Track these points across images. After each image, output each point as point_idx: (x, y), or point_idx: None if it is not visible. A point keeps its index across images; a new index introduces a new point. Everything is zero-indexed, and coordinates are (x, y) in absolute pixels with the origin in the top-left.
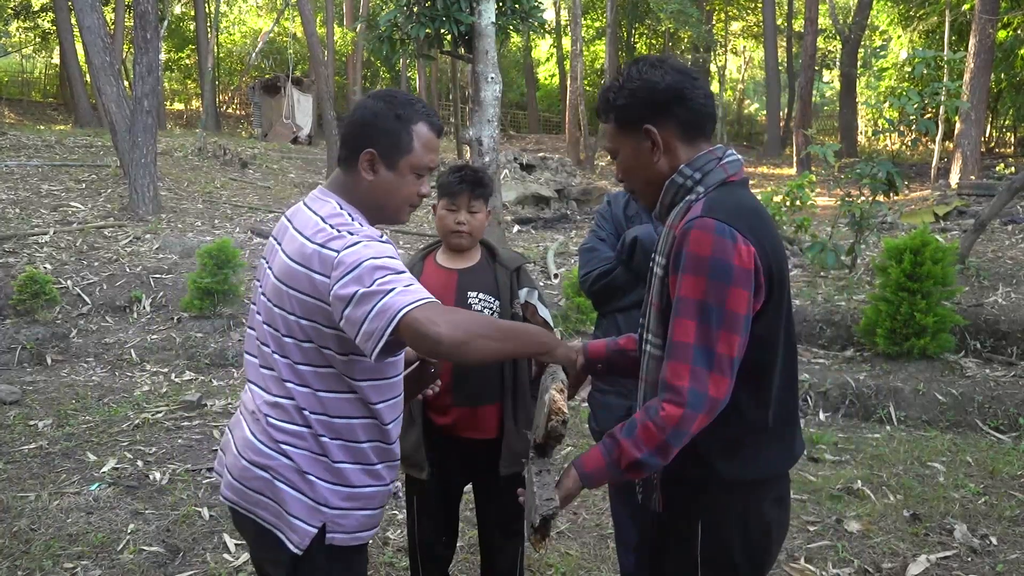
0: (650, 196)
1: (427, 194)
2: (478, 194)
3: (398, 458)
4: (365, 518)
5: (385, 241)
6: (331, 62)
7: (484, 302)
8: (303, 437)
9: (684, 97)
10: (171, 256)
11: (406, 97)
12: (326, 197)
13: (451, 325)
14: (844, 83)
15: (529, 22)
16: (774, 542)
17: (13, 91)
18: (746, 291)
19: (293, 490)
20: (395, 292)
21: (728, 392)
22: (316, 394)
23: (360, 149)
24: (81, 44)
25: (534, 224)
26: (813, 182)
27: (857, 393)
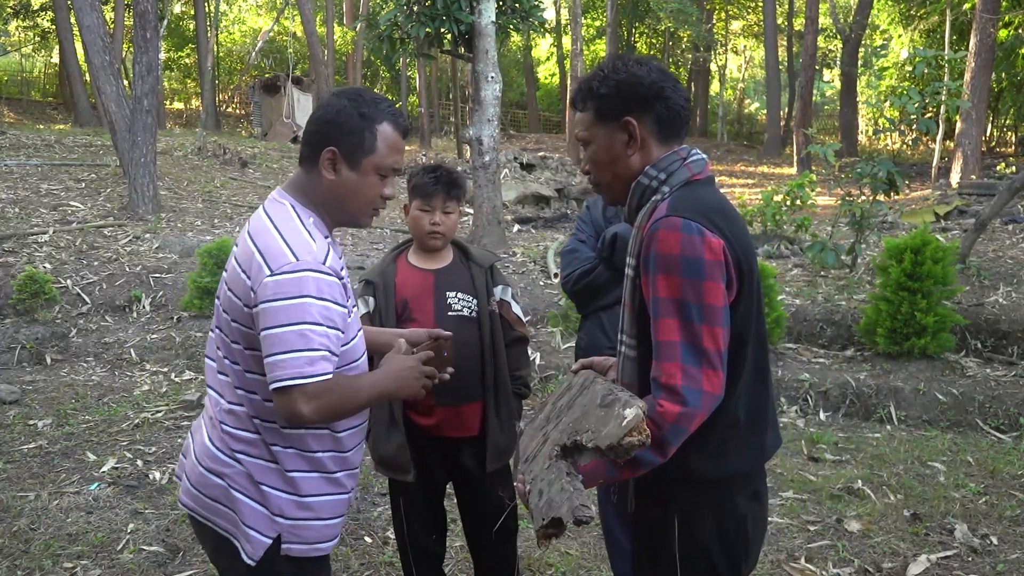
0: (615, 190)
1: (391, 196)
2: (453, 195)
3: (356, 465)
4: (324, 528)
5: (327, 271)
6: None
7: (463, 301)
8: (255, 445)
9: (665, 96)
10: (171, 255)
11: (371, 96)
12: (282, 199)
13: (315, 412)
14: (844, 82)
15: (529, 21)
16: (752, 537)
17: (12, 90)
18: (720, 283)
19: (248, 499)
20: (297, 354)
21: (722, 387)
22: (264, 403)
23: (321, 147)
24: (81, 43)
25: (534, 224)
26: (813, 181)
27: (857, 393)
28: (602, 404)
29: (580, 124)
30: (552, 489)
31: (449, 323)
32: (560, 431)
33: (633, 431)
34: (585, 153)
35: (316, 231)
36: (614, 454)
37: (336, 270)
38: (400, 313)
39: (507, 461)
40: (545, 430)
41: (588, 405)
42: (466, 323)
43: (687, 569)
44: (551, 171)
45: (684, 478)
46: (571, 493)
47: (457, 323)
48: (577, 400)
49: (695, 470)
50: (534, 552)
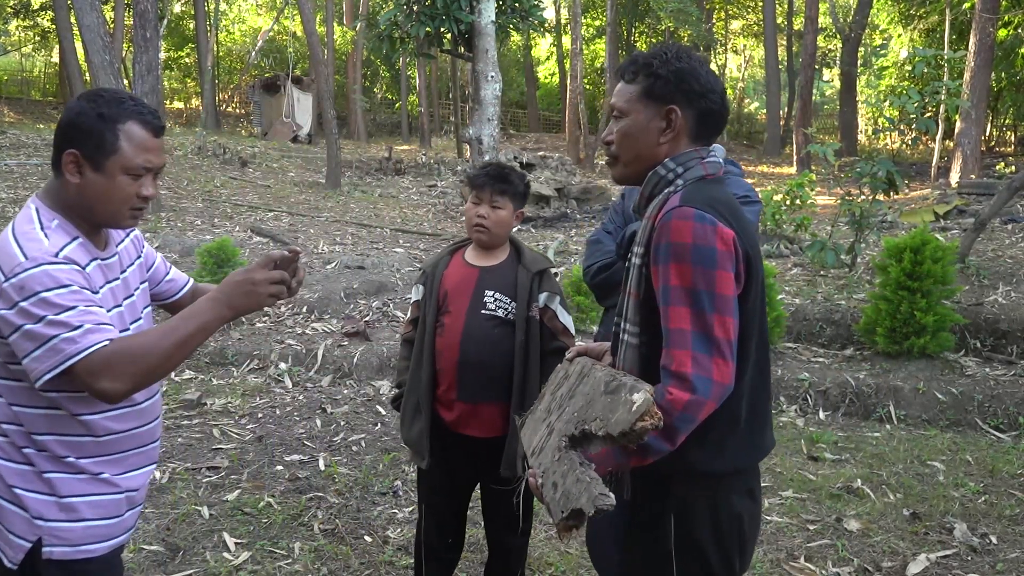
0: (630, 171)
1: (151, 195)
2: (501, 189)
3: (139, 466)
4: (90, 529)
5: (61, 261)
6: (331, 61)
7: (499, 302)
8: (6, 448)
9: (713, 99)
10: (171, 255)
11: (115, 95)
12: (30, 203)
13: (113, 377)
14: (844, 82)
15: (529, 21)
16: (747, 535)
17: (12, 90)
18: (731, 273)
19: (8, 503)
20: (54, 341)
21: (732, 376)
22: (10, 407)
23: (63, 151)
24: (81, 43)
25: (534, 223)
26: (813, 181)
27: (857, 392)
28: (607, 391)
29: (622, 95)
30: (567, 481)
31: (480, 321)
32: (566, 421)
33: (644, 415)
34: (614, 123)
35: (58, 232)
36: (626, 440)
37: (75, 260)
38: (440, 304)
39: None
40: (548, 421)
41: (592, 393)
42: (499, 324)
43: (681, 565)
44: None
45: (681, 472)
46: (588, 483)
47: (488, 323)
48: (578, 389)
49: (694, 465)
50: (534, 552)
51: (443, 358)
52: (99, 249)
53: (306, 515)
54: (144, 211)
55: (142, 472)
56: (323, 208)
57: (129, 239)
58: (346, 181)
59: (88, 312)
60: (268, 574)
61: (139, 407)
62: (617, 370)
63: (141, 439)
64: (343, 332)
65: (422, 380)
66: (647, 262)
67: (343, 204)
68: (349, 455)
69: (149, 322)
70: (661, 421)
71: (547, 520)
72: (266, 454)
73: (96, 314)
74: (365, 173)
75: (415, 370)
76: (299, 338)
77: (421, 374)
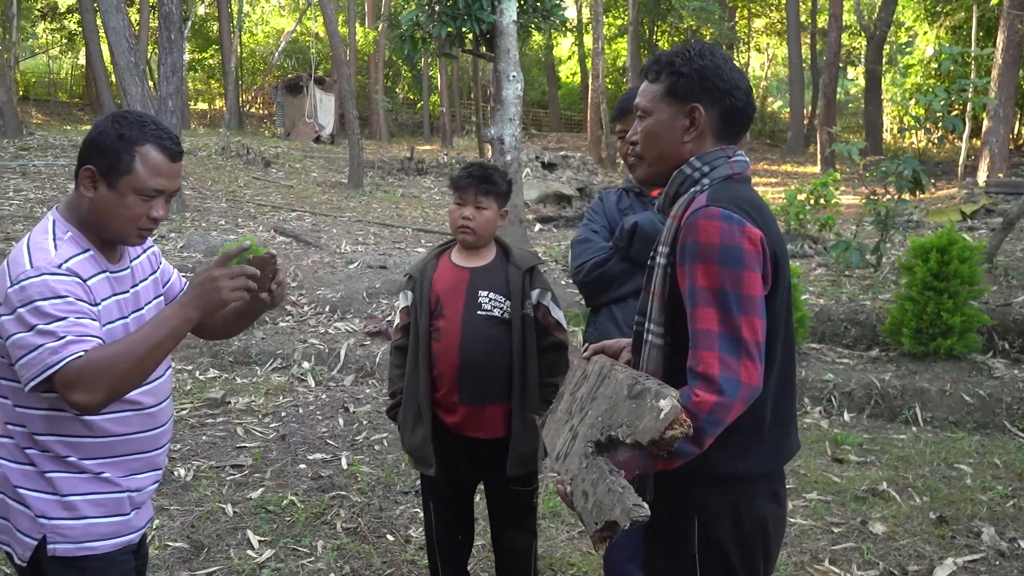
0: (654, 170)
1: (160, 218)
2: (485, 190)
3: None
4: (91, 527)
5: (62, 273)
6: (353, 61)
7: (494, 301)
8: (10, 449)
9: (738, 96)
10: (195, 254)
11: (138, 118)
12: (49, 214)
13: (85, 389)
14: (869, 80)
15: (551, 20)
16: (772, 539)
17: (40, 92)
18: (758, 274)
19: (15, 503)
20: (39, 350)
21: (760, 378)
22: (15, 408)
23: (82, 165)
24: (106, 45)
25: (555, 223)
26: (837, 180)
27: (882, 393)
28: (630, 395)
29: (646, 95)
30: (598, 490)
31: (477, 322)
32: (590, 426)
33: (674, 423)
34: (638, 123)
35: (69, 244)
36: (656, 448)
37: (78, 272)
38: (433, 308)
39: (530, 468)
40: (571, 424)
41: (615, 397)
42: (496, 324)
43: (705, 569)
44: (572, 170)
45: (703, 474)
46: (620, 493)
47: (486, 323)
48: (599, 391)
49: (718, 468)
50: (555, 551)
51: (441, 362)
52: (111, 262)
53: (329, 514)
54: (151, 232)
55: (144, 476)
56: (345, 208)
57: (146, 255)
58: (368, 181)
59: (76, 324)
60: (291, 572)
61: (145, 411)
62: (639, 372)
63: (143, 444)
64: (365, 331)
65: (421, 387)
66: (672, 262)
67: (365, 204)
68: (371, 454)
69: None
70: (691, 428)
71: (568, 521)
72: (289, 453)
73: (84, 326)
74: (387, 173)
75: (412, 376)
76: (322, 337)
77: (419, 381)
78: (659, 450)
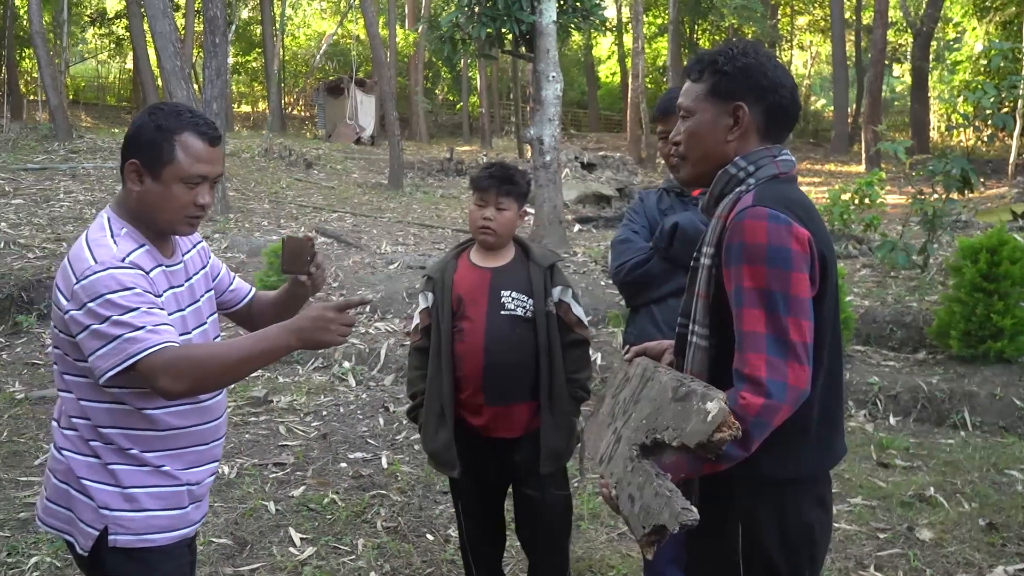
0: (698, 170)
1: (207, 203)
2: (506, 191)
3: (198, 463)
4: (151, 519)
5: (126, 266)
6: (393, 63)
7: (517, 301)
8: (76, 441)
9: (782, 94)
10: (239, 255)
11: (173, 108)
12: (103, 212)
13: (172, 378)
14: (915, 77)
15: (590, 20)
16: (818, 544)
17: (89, 96)
18: (806, 275)
19: (79, 494)
20: (117, 341)
21: (808, 381)
22: (79, 401)
23: (126, 161)
24: (153, 49)
25: (595, 223)
26: (883, 179)
27: (929, 397)
28: (676, 397)
29: (688, 94)
30: (644, 494)
31: (501, 322)
32: (634, 429)
33: (722, 426)
34: (681, 123)
35: (126, 239)
36: (703, 451)
37: (140, 265)
38: (455, 310)
39: (562, 464)
40: (615, 427)
41: (659, 399)
42: (519, 323)
43: (749, 574)
44: (612, 170)
45: (748, 478)
46: (668, 497)
47: (510, 323)
48: (643, 393)
49: (763, 471)
50: (595, 553)
51: (465, 363)
52: (165, 256)
53: (369, 512)
54: (201, 219)
55: (202, 469)
56: (386, 209)
57: (195, 250)
58: (408, 182)
59: (149, 314)
60: (332, 570)
61: (201, 404)
62: (683, 374)
63: (202, 436)
64: (405, 332)
65: (444, 389)
66: (717, 263)
67: (405, 205)
68: (411, 454)
69: (215, 328)
70: (740, 431)
71: (608, 523)
72: (330, 451)
73: (157, 316)
74: (427, 174)
75: (434, 378)
76: (362, 337)
77: (442, 383)
78: (706, 453)
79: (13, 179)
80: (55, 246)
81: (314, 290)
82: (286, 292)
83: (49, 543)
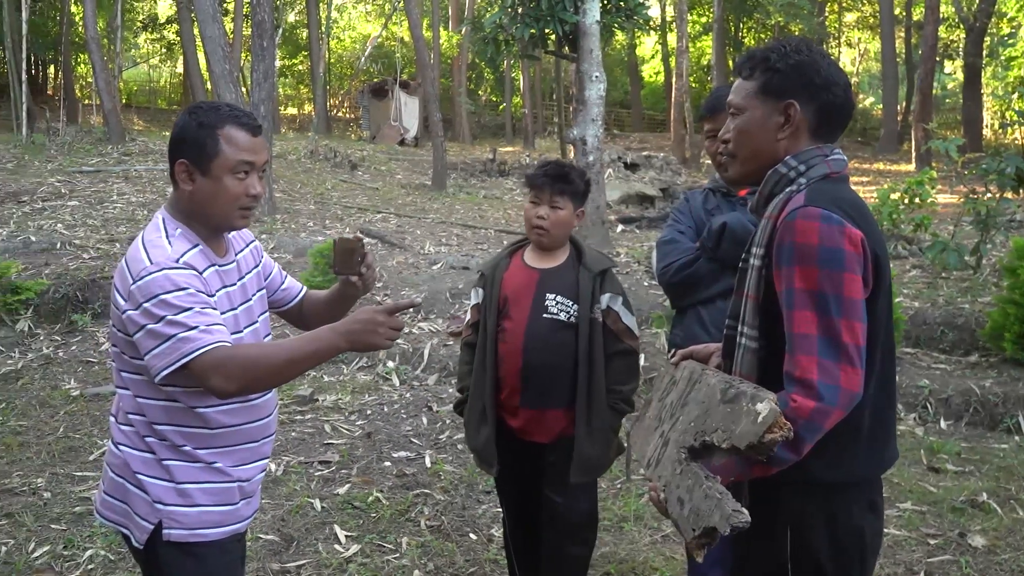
0: (747, 169)
1: (258, 193)
2: (560, 189)
3: (249, 460)
4: (203, 514)
5: (181, 266)
6: (437, 65)
7: (561, 305)
8: (132, 437)
9: (835, 92)
10: (285, 255)
11: (211, 105)
12: (157, 214)
13: (224, 377)
14: (968, 74)
15: (634, 20)
16: (868, 549)
17: (141, 99)
18: (859, 276)
19: (135, 488)
20: (172, 340)
21: (861, 384)
22: (135, 399)
23: (174, 162)
24: (203, 53)
25: (638, 223)
26: (934, 178)
27: (982, 400)
28: (724, 399)
29: (739, 92)
30: (694, 496)
31: (542, 325)
32: (682, 431)
33: (773, 427)
34: (731, 121)
35: (181, 240)
36: (754, 452)
37: (194, 265)
38: (501, 308)
39: (593, 476)
40: (662, 430)
41: (708, 401)
42: (561, 328)
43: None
44: (655, 170)
45: (798, 481)
46: (719, 499)
47: (551, 326)
48: (690, 396)
49: (814, 475)
50: (638, 555)
51: (506, 364)
52: (218, 256)
53: (413, 511)
54: (254, 210)
55: (253, 466)
56: (429, 209)
57: (248, 249)
58: (451, 183)
59: (203, 314)
60: (377, 567)
61: (251, 403)
62: (731, 376)
63: (251, 434)
64: (448, 332)
65: (486, 387)
66: (768, 264)
67: (448, 205)
68: (454, 453)
69: (266, 327)
70: (791, 432)
71: (651, 524)
72: (374, 450)
73: (210, 316)
74: (470, 175)
75: (478, 376)
76: (406, 337)
77: (485, 381)
78: (757, 455)
79: (69, 181)
80: (108, 247)
81: (364, 290)
82: (337, 292)
83: (103, 536)
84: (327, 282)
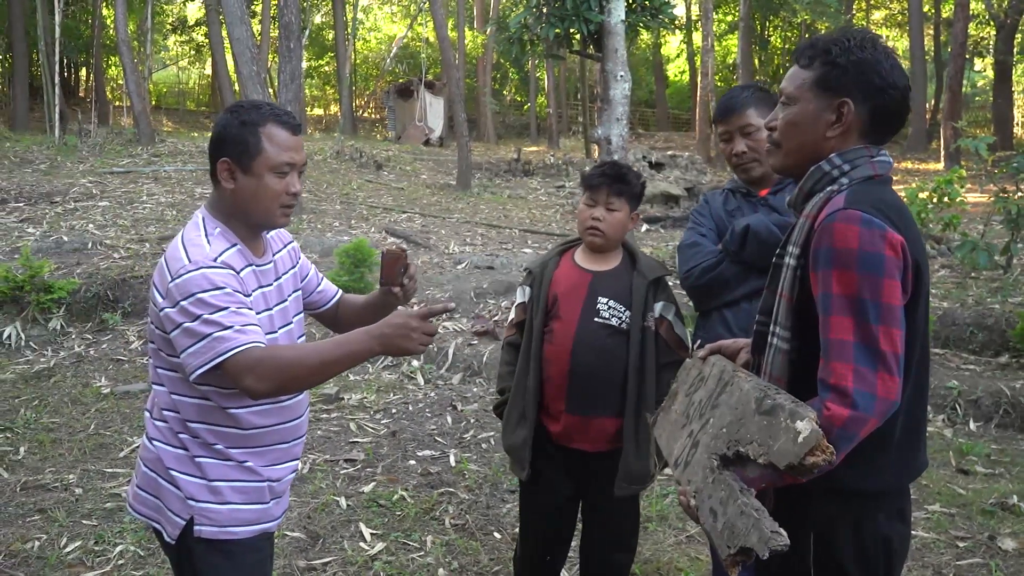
0: (790, 161)
1: (298, 191)
2: (617, 190)
3: (280, 460)
4: (234, 512)
5: (218, 266)
6: (462, 65)
7: (613, 310)
8: (166, 433)
9: (892, 95)
10: (312, 255)
11: (252, 103)
12: (198, 213)
13: (257, 378)
14: (998, 72)
15: (659, 19)
16: (895, 557)
17: (170, 101)
18: (898, 282)
19: (167, 483)
20: (207, 340)
21: (899, 393)
22: (170, 395)
23: (216, 160)
24: (231, 55)
25: (663, 223)
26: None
27: (1013, 402)
28: (760, 410)
29: (794, 80)
30: (729, 511)
31: (592, 329)
32: (712, 436)
33: (815, 450)
34: (780, 109)
35: (219, 239)
36: (793, 473)
37: (231, 265)
38: (549, 308)
39: (639, 489)
40: (690, 429)
41: (741, 409)
42: (612, 333)
43: None
44: (680, 170)
45: (825, 489)
46: (756, 519)
47: (601, 331)
48: (721, 399)
49: (840, 482)
50: (663, 556)
51: (551, 366)
52: (256, 256)
53: (437, 509)
54: (293, 208)
55: (283, 466)
56: (454, 209)
57: (286, 250)
58: (476, 183)
59: (238, 314)
60: (401, 565)
61: (283, 404)
62: (765, 382)
63: (282, 435)
64: (473, 331)
65: (528, 388)
66: (804, 264)
67: (473, 205)
68: (478, 452)
69: (300, 328)
70: (834, 456)
71: (676, 525)
72: (399, 449)
73: (245, 316)
74: (494, 174)
75: (521, 377)
76: None
77: (528, 382)
78: (796, 475)
79: (100, 182)
80: (138, 246)
81: (405, 300)
82: (376, 299)
83: (133, 532)
84: (353, 281)
